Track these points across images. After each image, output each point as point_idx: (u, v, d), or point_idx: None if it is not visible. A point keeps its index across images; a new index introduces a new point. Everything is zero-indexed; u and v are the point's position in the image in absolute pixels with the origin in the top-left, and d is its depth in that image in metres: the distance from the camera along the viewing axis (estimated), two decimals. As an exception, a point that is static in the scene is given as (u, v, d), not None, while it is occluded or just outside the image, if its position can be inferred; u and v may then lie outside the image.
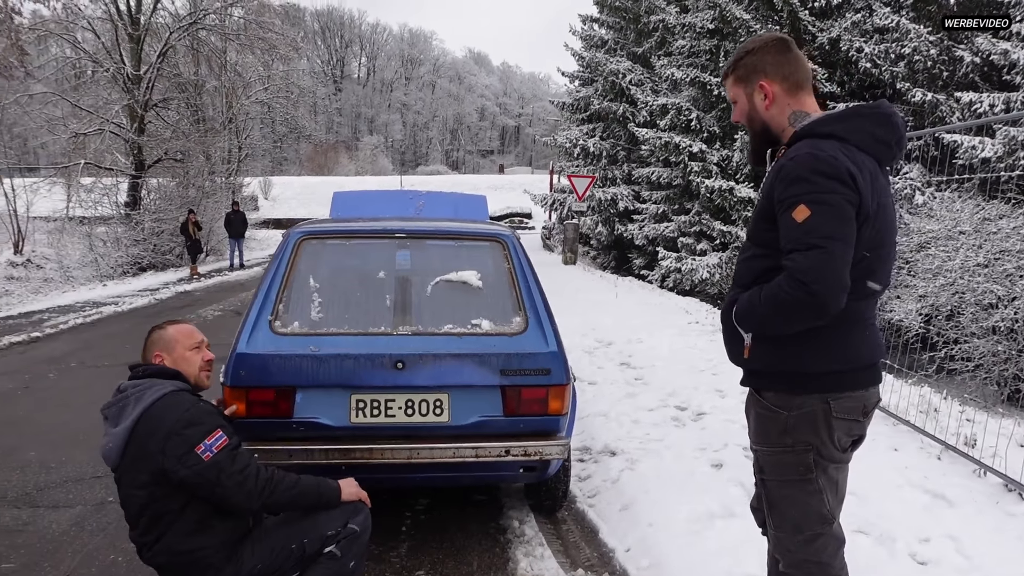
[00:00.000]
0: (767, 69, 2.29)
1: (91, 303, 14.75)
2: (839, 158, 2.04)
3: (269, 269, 3.84)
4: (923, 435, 5.30)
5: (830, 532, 2.29)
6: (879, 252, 2.17)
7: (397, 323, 3.72)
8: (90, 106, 22.55)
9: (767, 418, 2.29)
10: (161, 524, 2.58)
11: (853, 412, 2.23)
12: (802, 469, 2.23)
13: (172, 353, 2.82)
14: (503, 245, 4.07)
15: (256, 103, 31.58)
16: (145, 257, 21.99)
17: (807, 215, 2.01)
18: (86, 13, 22.68)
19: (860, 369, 2.23)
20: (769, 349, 2.23)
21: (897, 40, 12.41)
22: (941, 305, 8.68)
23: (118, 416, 2.61)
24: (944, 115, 11.69)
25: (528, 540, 4.02)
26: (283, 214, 44.91)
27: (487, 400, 3.64)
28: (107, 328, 11.71)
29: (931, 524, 3.92)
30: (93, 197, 22.43)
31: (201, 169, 25.68)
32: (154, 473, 2.52)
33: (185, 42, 25.28)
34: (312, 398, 3.56)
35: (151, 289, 17.18)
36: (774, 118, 2.31)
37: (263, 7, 26.22)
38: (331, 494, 2.82)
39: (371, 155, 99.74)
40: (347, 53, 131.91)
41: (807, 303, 2.00)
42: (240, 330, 3.60)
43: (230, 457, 2.57)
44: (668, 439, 5.40)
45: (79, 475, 5.12)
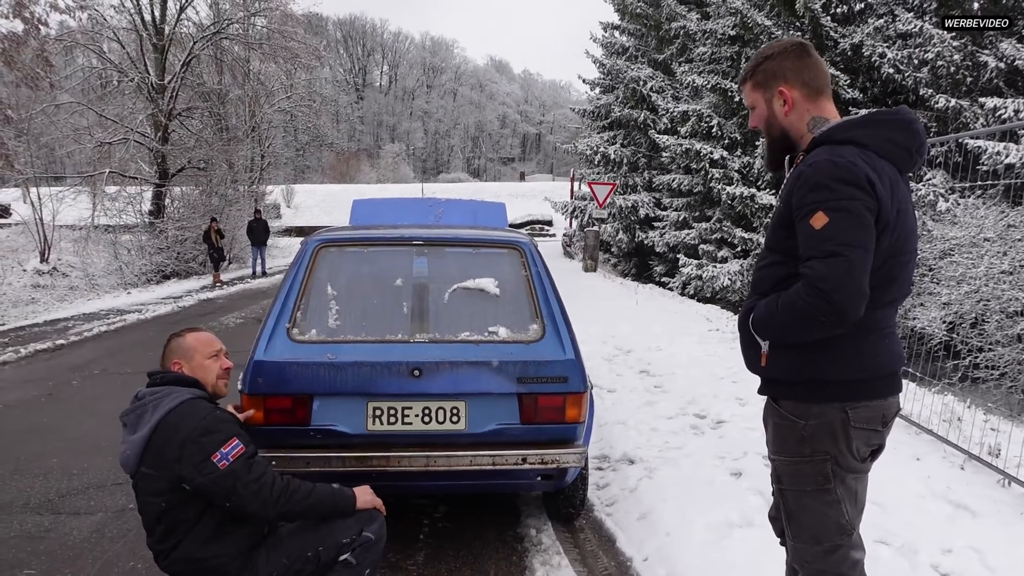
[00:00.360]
0: (787, 74, 2.26)
1: (115, 311, 14.90)
2: (858, 164, 2.02)
3: (287, 277, 3.86)
4: (946, 444, 5.23)
5: (849, 543, 2.26)
6: (899, 259, 2.14)
7: (414, 330, 3.73)
8: (115, 115, 22.84)
9: (785, 427, 2.26)
10: (178, 531, 2.60)
11: (872, 422, 2.19)
12: (820, 479, 2.20)
13: (190, 361, 2.84)
14: (520, 252, 4.06)
15: (279, 111, 31.86)
16: (169, 265, 22.20)
17: (826, 222, 1.99)
18: (111, 24, 23.03)
19: (879, 378, 2.19)
20: (787, 357, 2.21)
21: (920, 46, 12.33)
22: (965, 313, 8.60)
23: (136, 423, 2.63)
24: (968, 121, 11.59)
25: (545, 549, 4.00)
26: (305, 222, 45.11)
27: (504, 408, 3.63)
28: (131, 336, 11.83)
29: (954, 535, 3.86)
30: (118, 205, 22.68)
31: (224, 177, 25.90)
32: (171, 481, 2.55)
33: (209, 51, 25.58)
34: (329, 406, 3.57)
35: (174, 297, 17.33)
36: (793, 124, 2.28)
37: (286, 16, 26.45)
38: (346, 502, 2.83)
39: (393, 163, 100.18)
40: (369, 61, 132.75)
41: (825, 311, 1.97)
42: (258, 337, 3.62)
43: (246, 466, 2.58)
44: (687, 447, 5.37)
45: (100, 482, 5.16)
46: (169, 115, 23.54)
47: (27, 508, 4.71)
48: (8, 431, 6.43)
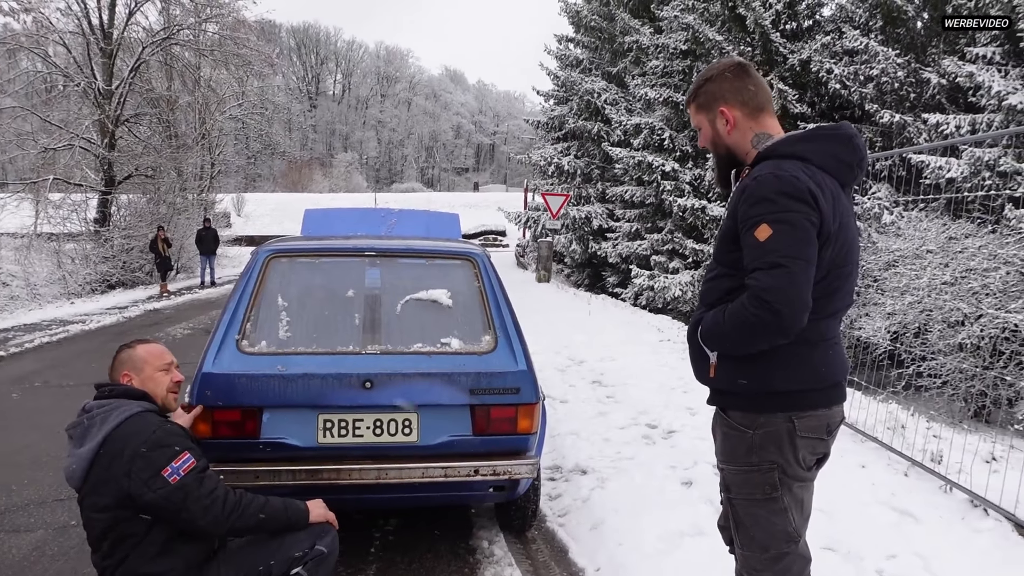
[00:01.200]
0: (726, 95, 2.32)
1: (58, 321, 14.53)
2: (801, 178, 2.06)
3: (237, 287, 3.80)
4: (890, 451, 5.35)
5: (796, 551, 2.31)
6: (841, 271, 2.19)
7: (366, 342, 3.70)
8: (60, 121, 22.30)
9: (733, 437, 2.30)
10: (124, 547, 2.53)
11: (817, 430, 2.24)
12: (767, 488, 2.24)
13: (140, 373, 2.78)
14: (473, 263, 4.06)
15: (230, 119, 31.48)
16: (114, 274, 21.71)
17: (769, 234, 2.03)
18: (58, 27, 22.47)
19: (825, 388, 2.24)
20: (734, 368, 2.24)
21: (866, 62, 12.62)
22: (909, 323, 8.80)
23: (83, 437, 2.56)
24: (912, 136, 11.88)
25: (497, 560, 3.99)
26: (256, 231, 44.55)
27: (456, 419, 3.63)
28: (74, 347, 11.54)
29: (898, 541, 3.95)
30: (62, 213, 22.11)
31: (172, 185, 25.45)
32: (119, 496, 2.48)
33: (158, 57, 25.11)
34: (279, 418, 3.52)
35: (120, 307, 16.96)
36: (737, 142, 2.33)
37: (238, 23, 26.12)
38: (299, 516, 2.79)
39: (346, 172, 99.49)
40: (322, 70, 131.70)
41: (770, 322, 2.01)
42: (206, 349, 3.56)
43: (197, 480, 2.53)
44: (639, 457, 5.40)
45: (41, 498, 5.02)
46: (116, 121, 23.06)
47: (-37, 526, 4.57)
48: (-56, 446, 6.23)
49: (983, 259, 8.24)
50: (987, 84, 10.22)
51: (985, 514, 4.29)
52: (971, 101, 10.91)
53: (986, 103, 10.41)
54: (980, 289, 8.07)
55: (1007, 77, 10.35)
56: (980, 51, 10.88)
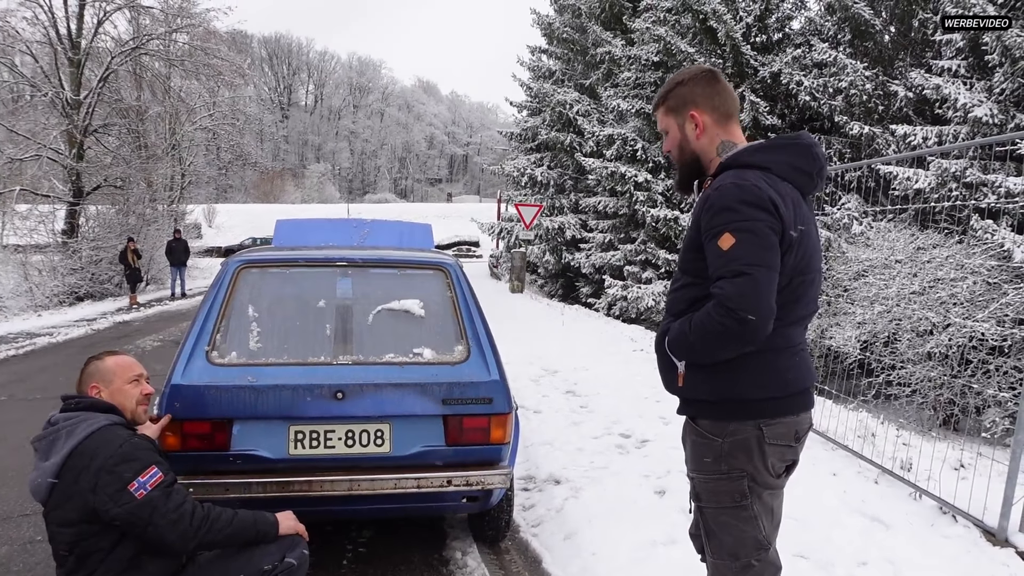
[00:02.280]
0: (698, 100, 2.33)
1: (24, 334, 14.29)
2: (762, 187, 2.09)
3: (207, 298, 3.76)
4: (861, 459, 5.39)
5: (766, 559, 2.32)
6: (804, 278, 2.21)
7: (337, 352, 3.67)
8: (27, 131, 21.99)
9: (702, 445, 2.30)
10: (89, 563, 2.48)
11: (785, 437, 2.25)
12: (737, 496, 2.25)
13: (110, 386, 2.73)
14: (446, 273, 4.05)
15: (201, 129, 31.17)
16: (83, 286, 21.42)
17: (732, 243, 2.05)
18: (24, 36, 22.22)
19: (792, 395, 2.25)
20: (702, 377, 2.24)
21: (835, 75, 12.81)
22: (879, 332, 8.90)
23: (48, 450, 2.51)
24: (880, 147, 12.06)
25: (471, 571, 3.96)
26: (227, 242, 44.29)
27: (429, 430, 3.60)
28: (41, 360, 11.34)
29: (869, 548, 3.98)
30: (28, 224, 21.78)
31: (142, 196, 25.19)
32: (84, 511, 2.43)
33: (128, 67, 24.90)
34: (250, 430, 3.48)
35: (88, 319, 16.72)
36: (704, 148, 2.35)
37: (209, 33, 26.02)
38: (268, 528, 2.76)
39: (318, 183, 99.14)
40: (295, 80, 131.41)
41: (736, 329, 2.03)
42: (176, 361, 3.51)
43: (164, 495, 2.49)
44: (612, 467, 5.40)
45: (6, 513, 4.92)
46: (85, 131, 22.81)
47: (-76, 542, 4.47)
48: (-95, 461, 6.09)
49: (951, 269, 8.36)
50: (953, 96, 10.41)
51: (954, 520, 4.34)
52: (938, 113, 11.10)
53: (952, 115, 10.60)
54: (948, 299, 8.18)
55: (972, 90, 10.55)
56: (946, 64, 11.09)
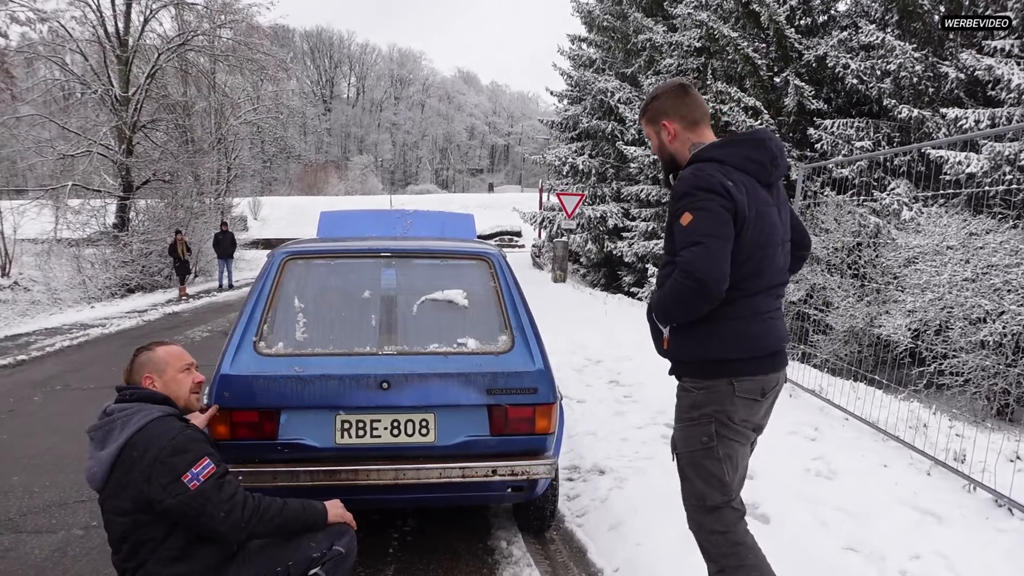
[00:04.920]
0: (669, 111, 2.75)
1: (78, 325, 14.66)
2: (715, 175, 2.49)
3: (254, 289, 3.81)
4: (912, 450, 5.28)
5: (730, 504, 2.67)
6: (765, 251, 2.59)
7: (382, 343, 3.69)
8: (78, 128, 22.51)
9: (682, 397, 2.73)
10: (143, 551, 2.53)
11: (753, 392, 2.64)
12: (705, 438, 2.63)
13: (163, 375, 2.78)
14: (489, 263, 4.05)
15: (245, 123, 31.61)
16: (133, 278, 21.87)
17: (690, 219, 2.45)
18: (74, 35, 22.68)
19: (761, 357, 2.64)
20: (684, 340, 2.66)
21: (883, 57, 12.50)
22: (930, 320, 8.70)
23: (104, 440, 2.56)
24: (930, 131, 11.77)
25: (516, 561, 3.97)
26: (272, 234, 44.72)
27: (473, 420, 3.61)
28: (94, 350, 11.63)
29: (921, 541, 3.90)
30: (81, 219, 22.33)
31: (189, 190, 25.62)
32: (138, 501, 2.47)
33: (174, 63, 25.30)
34: (297, 419, 3.52)
35: (139, 311, 17.09)
36: (678, 150, 2.76)
37: (252, 28, 26.28)
38: (317, 517, 2.79)
39: (361, 175, 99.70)
40: (336, 73, 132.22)
41: (694, 289, 2.41)
42: (224, 351, 3.57)
43: (216, 486, 2.52)
44: (657, 457, 5.36)
45: (63, 500, 5.06)
46: (133, 127, 23.26)
47: (-13, 527, 4.61)
48: (-34, 449, 6.28)
49: (1005, 255, 8.14)
50: (1006, 77, 10.11)
51: (1010, 513, 4.24)
52: (990, 95, 10.79)
53: (1006, 96, 10.29)
54: (1002, 285, 7.97)
55: (1027, 70, 10.23)
56: (998, 44, 10.77)
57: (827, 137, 13.10)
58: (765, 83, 15.21)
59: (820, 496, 4.50)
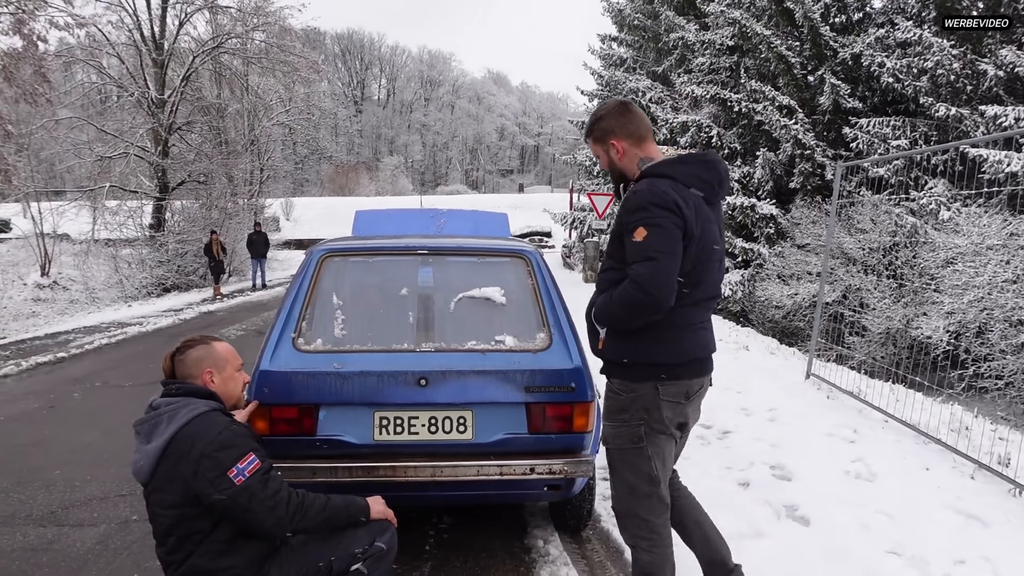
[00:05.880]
0: (615, 130, 2.88)
1: (116, 323, 14.88)
2: (669, 193, 2.62)
3: (292, 286, 3.83)
4: (955, 454, 5.19)
5: (657, 493, 2.84)
6: (705, 265, 2.74)
7: (420, 340, 3.70)
8: (115, 130, 22.89)
9: (612, 399, 2.88)
10: (189, 543, 2.54)
11: (677, 396, 2.80)
12: (635, 439, 2.80)
13: (223, 372, 2.81)
14: (526, 261, 4.04)
15: (278, 125, 31.88)
16: (169, 278, 22.18)
17: (644, 235, 2.58)
18: (111, 39, 23.03)
19: (684, 363, 2.79)
20: (616, 343, 2.81)
21: (919, 54, 12.33)
22: (969, 322, 8.57)
23: (150, 433, 2.58)
24: (968, 129, 11.58)
25: (553, 560, 3.95)
26: (304, 235, 45.09)
27: (511, 417, 3.60)
28: (132, 348, 11.80)
29: (965, 545, 3.83)
30: (118, 219, 22.70)
31: (224, 191, 25.91)
32: (185, 495, 2.49)
33: (208, 66, 25.63)
34: (335, 415, 3.54)
35: (175, 309, 17.30)
36: (626, 166, 2.91)
37: (284, 31, 26.51)
38: (360, 513, 2.80)
39: (391, 175, 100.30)
40: (367, 75, 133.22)
41: (645, 301, 2.57)
42: (263, 347, 3.59)
43: (262, 482, 2.54)
44: (694, 457, 5.32)
45: (104, 494, 5.13)
46: (169, 129, 23.58)
47: (30, 520, 4.69)
48: (10, 444, 6.40)
49: (1048, 255, 7.99)
50: (1049, 74, 9.93)
51: (1057, 517, 4.16)
52: (1032, 92, 10.61)
53: (1048, 94, 10.11)
54: (1045, 286, 7.83)
55: (1070, 67, 10.04)
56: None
57: (862, 136, 12.94)
58: (799, 81, 15.06)
59: (860, 499, 4.44)
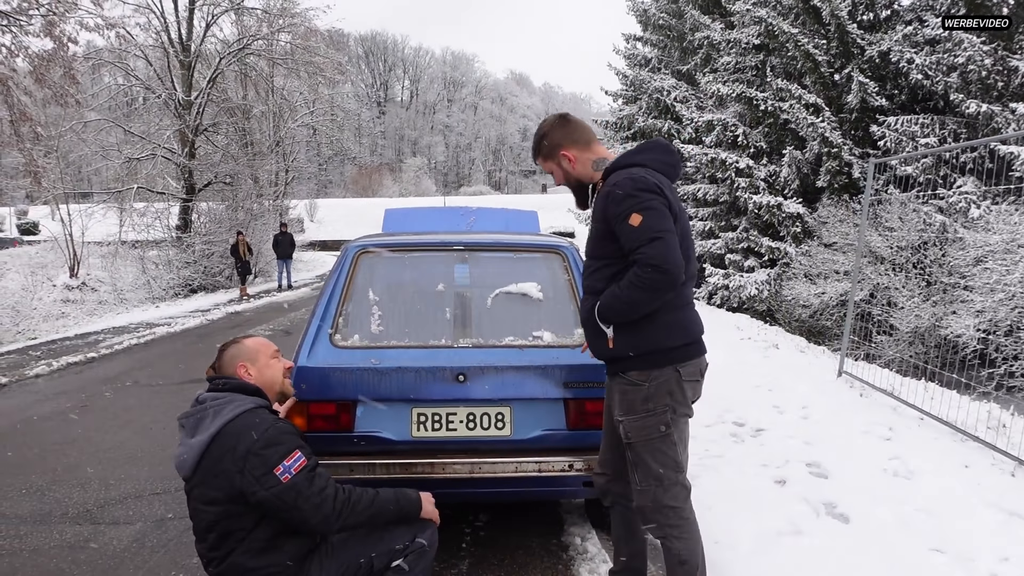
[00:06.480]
0: (562, 142, 2.98)
1: (144, 324, 15.02)
2: (649, 177, 2.70)
3: (328, 282, 3.84)
4: (995, 451, 5.12)
5: (682, 480, 2.85)
6: (686, 242, 2.79)
7: (458, 335, 3.69)
8: (142, 132, 23.13)
9: (631, 391, 2.82)
10: (231, 540, 2.53)
11: (695, 375, 2.86)
12: (663, 427, 2.79)
13: (256, 363, 2.79)
14: (562, 257, 4.02)
15: (302, 127, 32.10)
16: (196, 279, 22.36)
17: (641, 219, 2.61)
18: (138, 41, 23.26)
19: (696, 341, 2.86)
20: (630, 336, 2.78)
21: (949, 51, 12.17)
22: (1000, 320, 8.46)
23: (195, 428, 2.57)
24: (999, 127, 11.42)
25: (591, 557, 3.93)
26: (329, 236, 45.32)
27: (550, 413, 3.59)
28: (160, 348, 11.88)
29: (1010, 543, 3.77)
30: (145, 221, 22.92)
31: (249, 192, 26.08)
32: (230, 491, 2.47)
33: (234, 67, 25.85)
34: (373, 412, 3.54)
35: (202, 310, 17.44)
36: (582, 172, 3.00)
37: (310, 32, 26.68)
38: (411, 507, 2.77)
39: (415, 176, 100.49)
40: (391, 76, 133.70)
41: (662, 280, 2.57)
42: (300, 343, 3.60)
43: (308, 479, 2.51)
44: (728, 455, 5.29)
45: (138, 492, 5.17)
46: (196, 131, 23.77)
47: (66, 518, 4.73)
48: (44, 442, 6.47)
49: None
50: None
51: (1102, 515, 4.08)
52: (1066, 88, 10.45)
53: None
54: (1080, 284, 7.70)
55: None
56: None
57: (891, 134, 12.80)
58: (826, 80, 14.93)
59: (900, 496, 4.39)
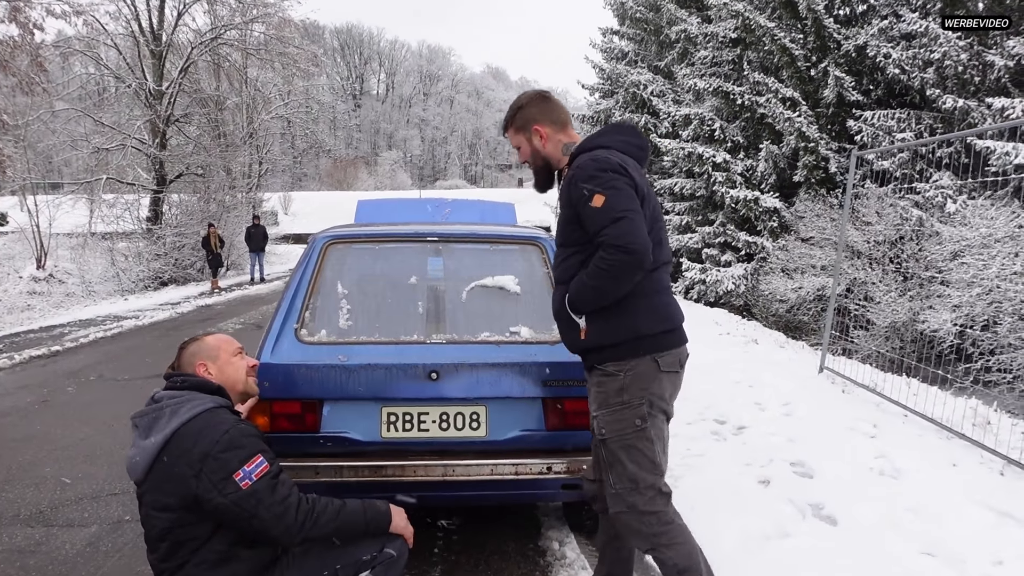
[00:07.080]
0: (538, 117, 2.90)
1: (112, 317, 14.69)
2: (611, 158, 2.61)
3: (294, 275, 3.65)
4: (983, 449, 5.02)
5: (659, 484, 2.66)
6: (657, 225, 2.70)
7: (430, 331, 3.52)
8: (112, 122, 22.71)
9: (606, 383, 2.68)
10: (183, 551, 2.33)
11: (674, 365, 2.70)
12: (638, 421, 2.62)
13: (216, 360, 2.61)
14: (540, 249, 3.86)
15: (276, 119, 31.72)
16: (166, 271, 22.02)
17: (604, 199, 2.50)
18: (108, 30, 22.83)
19: (675, 328, 2.72)
20: (604, 325, 2.65)
21: (925, 46, 12.13)
22: (976, 315, 8.42)
23: (149, 428, 2.36)
24: (976, 121, 11.39)
25: (570, 563, 3.76)
26: (303, 229, 44.83)
27: (527, 413, 3.42)
28: (128, 341, 11.58)
29: (1003, 544, 3.66)
30: (115, 212, 22.51)
31: (222, 184, 25.77)
32: (184, 497, 2.27)
33: (206, 58, 25.42)
34: (341, 411, 3.36)
35: (172, 303, 17.11)
36: (551, 152, 2.91)
37: (284, 23, 26.33)
38: (380, 521, 2.56)
39: (390, 170, 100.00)
40: (366, 69, 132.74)
41: (628, 261, 2.44)
42: (264, 339, 3.41)
43: (269, 486, 2.32)
44: (709, 454, 5.17)
45: (95, 492, 4.94)
46: (167, 121, 23.38)
47: (17, 520, 4.51)
48: (0, 439, 6.22)
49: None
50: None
51: (1093, 516, 3.98)
52: (1041, 83, 10.43)
53: (1058, 85, 9.94)
54: (1056, 279, 7.67)
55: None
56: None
57: (867, 129, 12.77)
58: (803, 74, 14.88)
59: (888, 496, 4.27)
